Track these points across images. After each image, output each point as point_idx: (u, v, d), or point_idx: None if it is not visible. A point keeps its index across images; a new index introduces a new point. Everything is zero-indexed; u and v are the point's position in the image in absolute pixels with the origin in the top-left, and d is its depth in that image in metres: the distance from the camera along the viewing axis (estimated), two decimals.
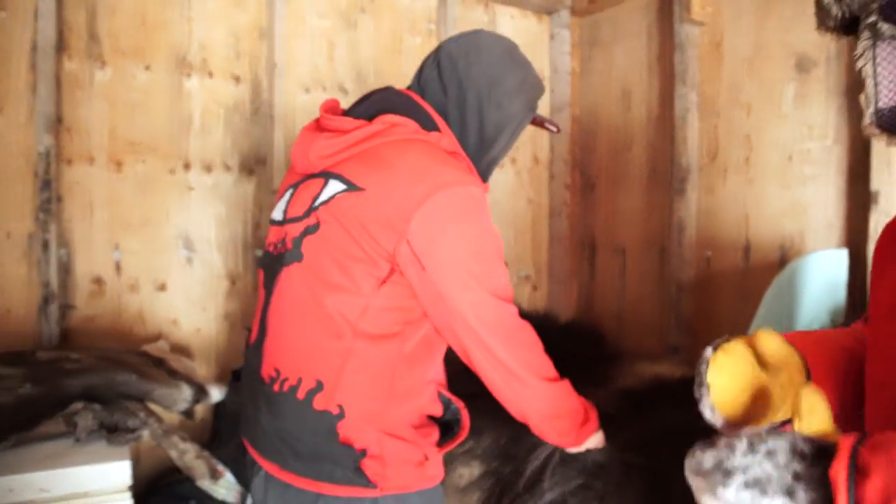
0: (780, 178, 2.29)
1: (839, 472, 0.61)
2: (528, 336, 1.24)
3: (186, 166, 2.42)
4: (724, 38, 2.46)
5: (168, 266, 2.38)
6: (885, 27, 0.75)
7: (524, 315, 2.92)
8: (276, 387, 1.18)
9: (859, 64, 0.79)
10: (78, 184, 2.24)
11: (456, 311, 1.13)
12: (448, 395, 1.33)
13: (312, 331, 1.16)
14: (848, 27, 0.81)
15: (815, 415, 0.72)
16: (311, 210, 1.17)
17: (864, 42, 0.78)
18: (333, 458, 1.15)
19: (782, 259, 2.28)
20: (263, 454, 1.22)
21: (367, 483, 1.15)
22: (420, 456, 1.22)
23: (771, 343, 0.85)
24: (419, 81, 1.26)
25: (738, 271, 2.42)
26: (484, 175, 1.29)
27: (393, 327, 1.16)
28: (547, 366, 1.26)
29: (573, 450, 1.41)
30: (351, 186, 1.13)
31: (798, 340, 0.94)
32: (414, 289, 1.15)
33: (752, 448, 0.64)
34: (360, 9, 2.71)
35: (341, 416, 1.15)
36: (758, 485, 0.63)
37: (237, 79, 2.50)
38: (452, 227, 1.12)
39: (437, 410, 1.31)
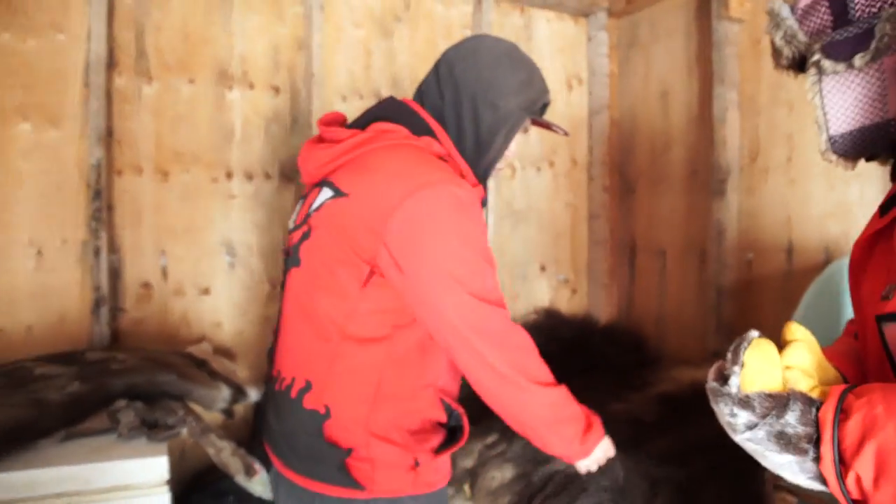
0: (824, 177, 2.21)
1: (827, 412, 0.72)
2: (521, 339, 1.20)
3: (228, 175, 2.51)
4: (762, 37, 2.39)
5: (211, 271, 2.48)
6: (826, 63, 0.84)
7: (562, 319, 2.92)
8: (277, 386, 1.23)
9: (808, 97, 0.88)
10: (127, 193, 2.36)
11: (440, 313, 1.12)
12: (448, 401, 1.29)
13: (305, 332, 1.19)
14: (800, 66, 0.90)
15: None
16: (307, 217, 1.21)
17: (811, 78, 0.87)
18: (321, 457, 1.16)
19: (827, 261, 2.20)
20: (273, 451, 1.27)
21: (355, 484, 1.15)
22: (410, 461, 1.20)
23: (804, 358, 0.84)
24: (420, 89, 1.29)
25: (781, 274, 2.35)
26: (482, 178, 1.28)
27: (381, 330, 1.17)
28: (542, 370, 1.21)
29: (583, 463, 1.32)
30: (337, 192, 1.16)
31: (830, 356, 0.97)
32: (398, 292, 1.16)
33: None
34: (395, 17, 2.75)
35: (327, 416, 1.16)
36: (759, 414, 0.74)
37: (276, 90, 2.58)
38: (431, 228, 1.11)
39: (441, 416, 1.27)
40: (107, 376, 1.83)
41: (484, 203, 1.28)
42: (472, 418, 2.46)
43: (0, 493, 1.58)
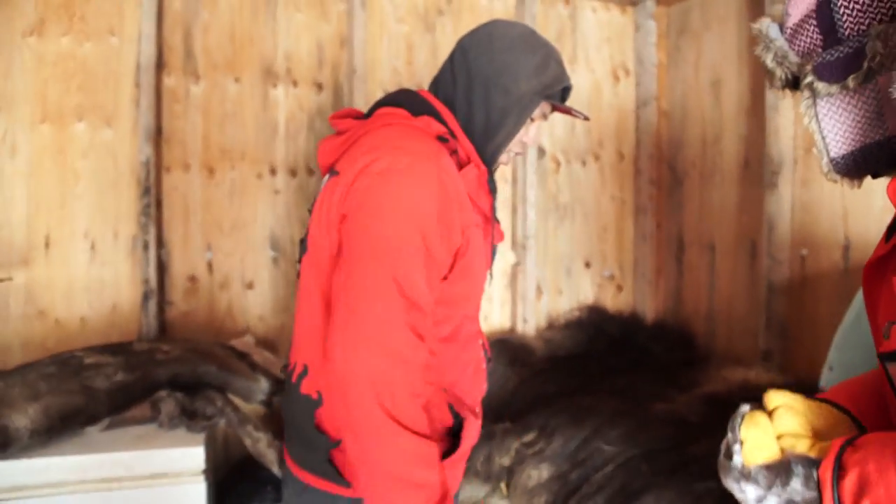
0: None
1: (826, 471, 0.70)
2: (411, 356, 1.03)
3: (273, 171, 2.56)
4: None
5: (256, 265, 2.53)
6: (820, 86, 0.81)
7: (608, 316, 2.85)
8: (286, 371, 1.24)
9: (805, 122, 0.86)
10: (175, 189, 2.44)
11: (345, 276, 1.04)
12: (458, 406, 1.18)
13: (306, 316, 1.18)
14: (794, 85, 0.87)
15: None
16: (313, 204, 1.22)
17: (805, 101, 0.85)
18: (311, 445, 1.13)
19: None
20: (284, 439, 1.27)
21: (340, 479, 1.10)
22: None
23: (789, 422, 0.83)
24: (435, 78, 1.26)
25: (837, 271, 2.23)
26: (488, 160, 1.22)
27: None
28: (418, 416, 1.03)
29: None
30: (332, 173, 1.16)
31: (843, 393, 0.95)
32: None
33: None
34: (438, 11, 2.74)
35: (319, 402, 1.12)
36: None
37: (320, 86, 2.61)
38: (381, 193, 1.05)
39: (446, 420, 1.17)
40: (151, 366, 1.90)
41: (493, 190, 1.23)
42: (510, 415, 2.45)
43: (53, 476, 1.67)
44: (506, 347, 2.66)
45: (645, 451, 1.97)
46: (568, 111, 1.27)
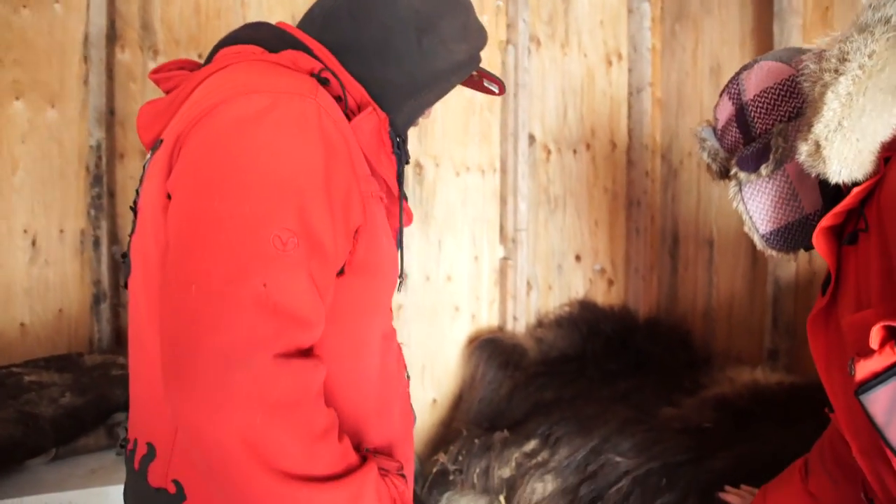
0: None
1: None
2: (298, 393, 0.73)
3: None
4: (833, 3, 2.16)
5: None
6: (742, 175, 0.99)
7: (600, 312, 2.71)
8: (124, 452, 0.90)
9: (734, 205, 1.02)
10: (130, 179, 2.16)
11: (177, 290, 0.71)
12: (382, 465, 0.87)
13: (142, 366, 0.86)
14: (727, 175, 1.04)
15: None
16: (136, 200, 0.92)
17: (733, 189, 1.02)
18: None
19: None
20: None
21: None
22: None
23: None
24: (311, 15, 0.95)
25: None
26: (399, 117, 0.94)
27: None
28: (324, 455, 0.75)
29: None
30: (156, 146, 0.86)
31: None
32: None
33: None
34: None
35: (180, 497, 0.80)
36: None
37: None
38: (227, 150, 0.73)
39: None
40: (106, 385, 1.63)
41: (401, 157, 0.92)
42: (506, 424, 2.28)
43: None
44: (497, 349, 2.48)
45: (661, 464, 1.83)
46: (481, 81, 1.06)
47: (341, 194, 0.78)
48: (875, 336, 0.75)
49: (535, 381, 2.32)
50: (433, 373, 2.56)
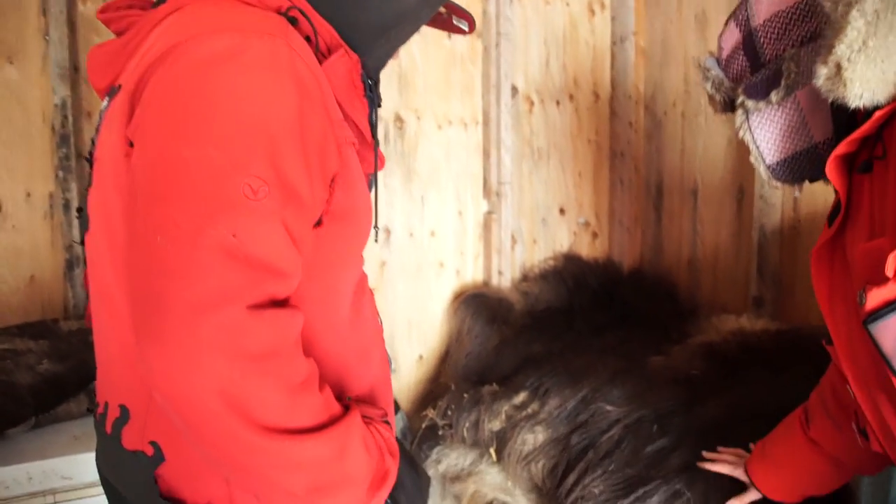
0: None
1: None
2: (275, 343, 0.69)
3: None
4: None
5: None
6: (749, 103, 0.96)
7: (585, 265, 2.70)
8: (95, 416, 0.90)
9: (740, 135, 0.99)
10: None
11: (143, 242, 0.67)
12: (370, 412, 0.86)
13: (107, 326, 0.83)
14: (732, 107, 1.01)
15: None
16: (92, 150, 0.88)
17: (739, 117, 0.98)
18: None
19: None
20: None
21: None
22: None
23: None
24: None
25: None
26: (370, 59, 0.88)
27: None
28: (302, 407, 0.72)
29: None
30: (113, 92, 0.81)
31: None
32: None
33: None
34: None
35: (158, 458, 0.78)
36: None
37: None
38: (192, 94, 0.68)
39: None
40: (86, 351, 1.58)
41: (373, 101, 0.88)
42: (495, 378, 2.28)
43: None
44: (483, 304, 2.47)
45: (652, 411, 1.84)
46: (451, 18, 1.01)
47: (316, 140, 0.73)
48: (891, 263, 0.73)
49: (523, 335, 2.32)
50: (419, 329, 2.54)
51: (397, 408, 2.51)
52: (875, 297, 0.75)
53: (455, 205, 2.55)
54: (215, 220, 0.65)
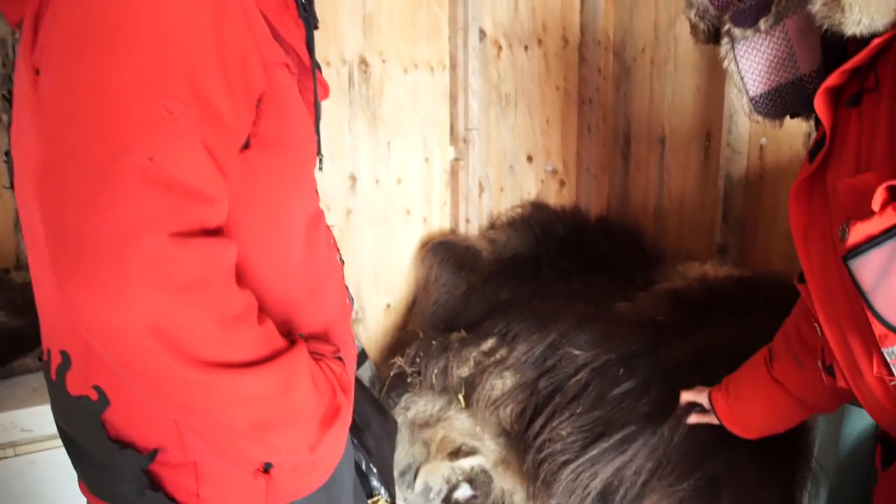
0: None
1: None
2: (204, 272, 0.66)
3: None
4: None
5: None
6: (736, 31, 0.92)
7: (552, 213, 2.70)
8: (42, 364, 0.87)
9: (724, 65, 0.96)
10: None
11: (55, 171, 0.63)
12: (321, 349, 0.84)
13: (42, 272, 0.78)
14: (715, 38, 0.98)
15: None
16: (10, 88, 0.82)
17: (725, 46, 0.95)
18: (111, 467, 0.78)
19: None
20: (72, 461, 0.92)
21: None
22: (255, 462, 0.80)
23: None
24: None
25: (798, 160, 2.15)
26: None
27: None
28: (238, 339, 0.69)
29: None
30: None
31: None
32: None
33: None
34: None
35: (103, 402, 0.76)
36: None
37: None
38: (98, 10, 0.62)
39: None
40: None
41: (308, 21, 0.82)
42: (463, 325, 2.28)
43: None
44: (450, 251, 2.45)
45: (618, 355, 1.86)
46: None
47: (236, 56, 0.68)
48: (878, 197, 0.72)
49: (491, 282, 2.32)
50: (386, 278, 2.52)
51: (365, 357, 2.51)
52: (858, 232, 0.74)
53: (421, 151, 2.51)
54: (130, 145, 0.61)
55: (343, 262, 1.02)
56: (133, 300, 0.61)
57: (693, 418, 1.49)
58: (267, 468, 0.81)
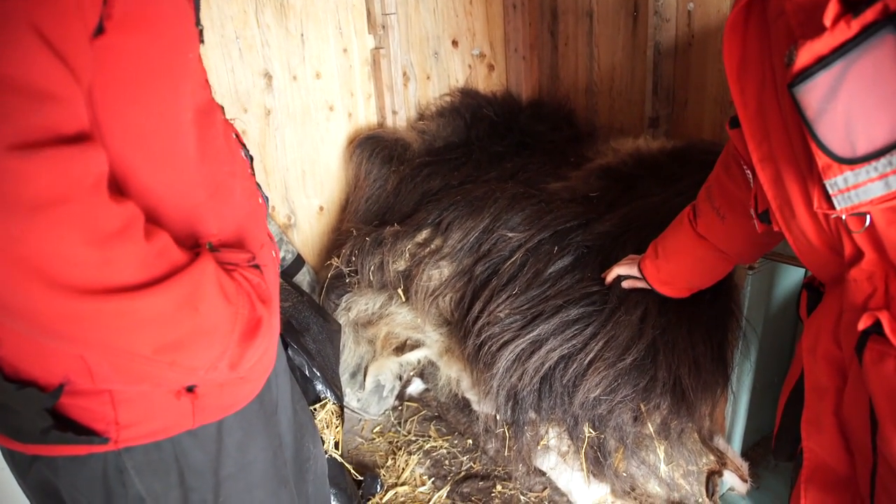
0: None
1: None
2: (63, 186, 0.57)
3: None
4: None
5: None
6: None
7: (482, 98, 2.60)
8: None
9: None
10: None
11: None
12: (234, 258, 0.78)
13: None
14: None
15: None
16: None
17: None
18: (14, 408, 0.72)
19: None
20: None
21: (90, 436, 0.73)
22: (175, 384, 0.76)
23: None
24: None
25: None
26: None
27: None
28: (120, 255, 0.61)
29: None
30: None
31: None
32: None
33: None
34: None
35: None
36: None
37: None
38: None
39: None
40: None
41: None
42: (396, 218, 2.21)
43: None
44: (378, 145, 2.36)
45: (552, 233, 1.84)
46: None
47: None
48: (831, 10, 0.68)
49: (421, 172, 2.24)
50: (315, 178, 2.42)
51: (302, 262, 2.44)
52: (807, 53, 0.70)
53: (338, 41, 2.35)
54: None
55: (252, 158, 0.94)
56: None
57: (626, 283, 1.51)
58: (191, 388, 0.77)
